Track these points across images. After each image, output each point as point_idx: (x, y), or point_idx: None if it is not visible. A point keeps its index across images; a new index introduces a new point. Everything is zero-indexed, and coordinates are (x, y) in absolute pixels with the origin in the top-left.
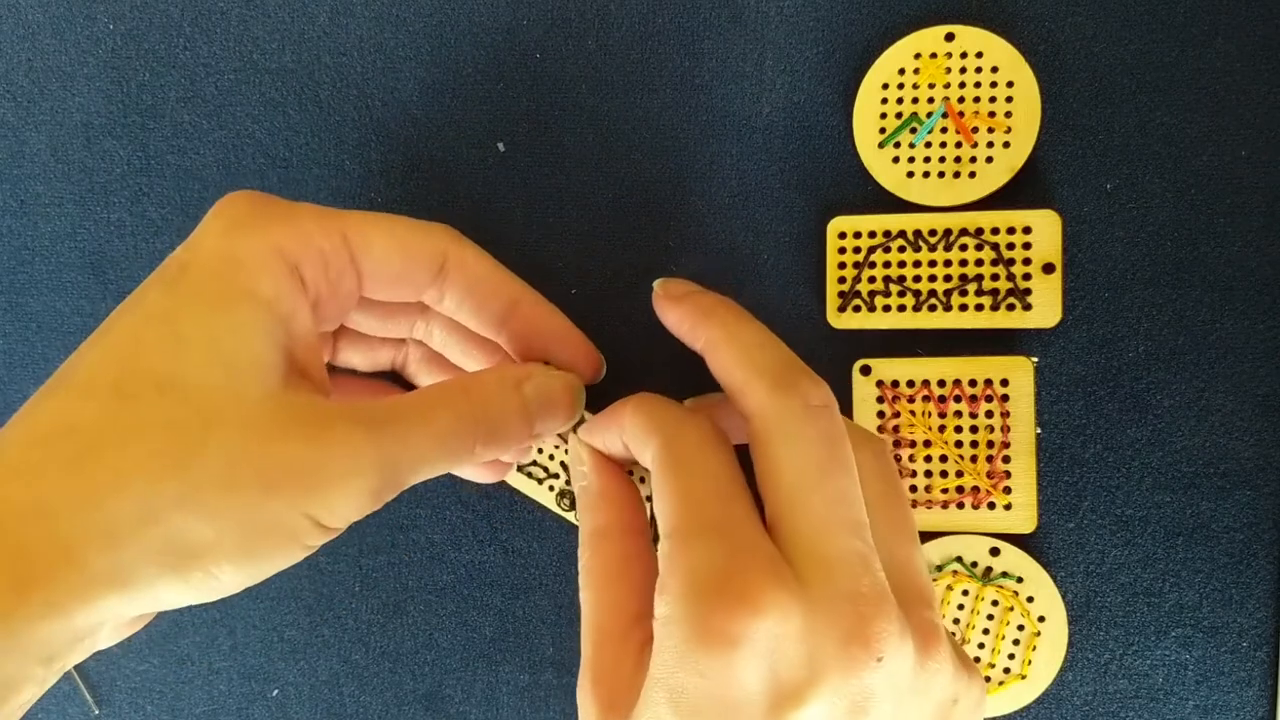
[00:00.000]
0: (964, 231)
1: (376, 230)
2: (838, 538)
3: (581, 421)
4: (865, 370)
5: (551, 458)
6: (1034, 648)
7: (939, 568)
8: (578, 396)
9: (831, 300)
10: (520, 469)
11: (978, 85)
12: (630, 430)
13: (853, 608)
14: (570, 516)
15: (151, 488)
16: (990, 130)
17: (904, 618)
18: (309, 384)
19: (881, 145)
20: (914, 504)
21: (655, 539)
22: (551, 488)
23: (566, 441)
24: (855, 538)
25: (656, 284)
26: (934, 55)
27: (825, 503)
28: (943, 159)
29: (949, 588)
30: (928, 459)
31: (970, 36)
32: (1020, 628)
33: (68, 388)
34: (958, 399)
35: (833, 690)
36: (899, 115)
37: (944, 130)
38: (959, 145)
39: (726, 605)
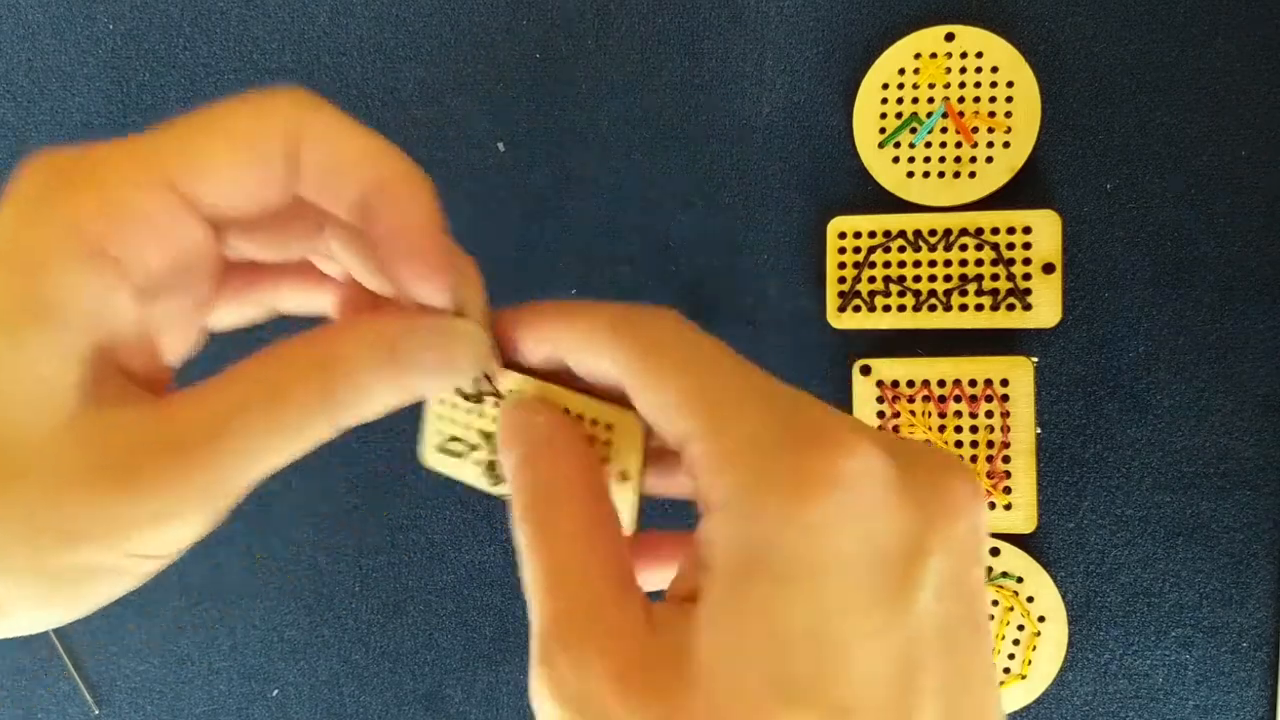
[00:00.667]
0: (964, 231)
1: (210, 147)
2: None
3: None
4: (865, 370)
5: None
6: (1034, 648)
7: None
8: (480, 355)
9: (831, 300)
10: (438, 449)
11: (978, 85)
12: (600, 340)
13: (942, 452)
14: (499, 490)
15: None
16: (990, 130)
17: None
18: (126, 391)
19: (881, 145)
20: None
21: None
22: (477, 461)
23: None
24: None
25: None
26: (934, 55)
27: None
28: (943, 159)
29: None
30: None
31: (970, 36)
32: (1020, 628)
33: None
34: (958, 399)
35: (948, 539)
36: (899, 115)
37: (944, 130)
38: (959, 145)
39: (815, 444)
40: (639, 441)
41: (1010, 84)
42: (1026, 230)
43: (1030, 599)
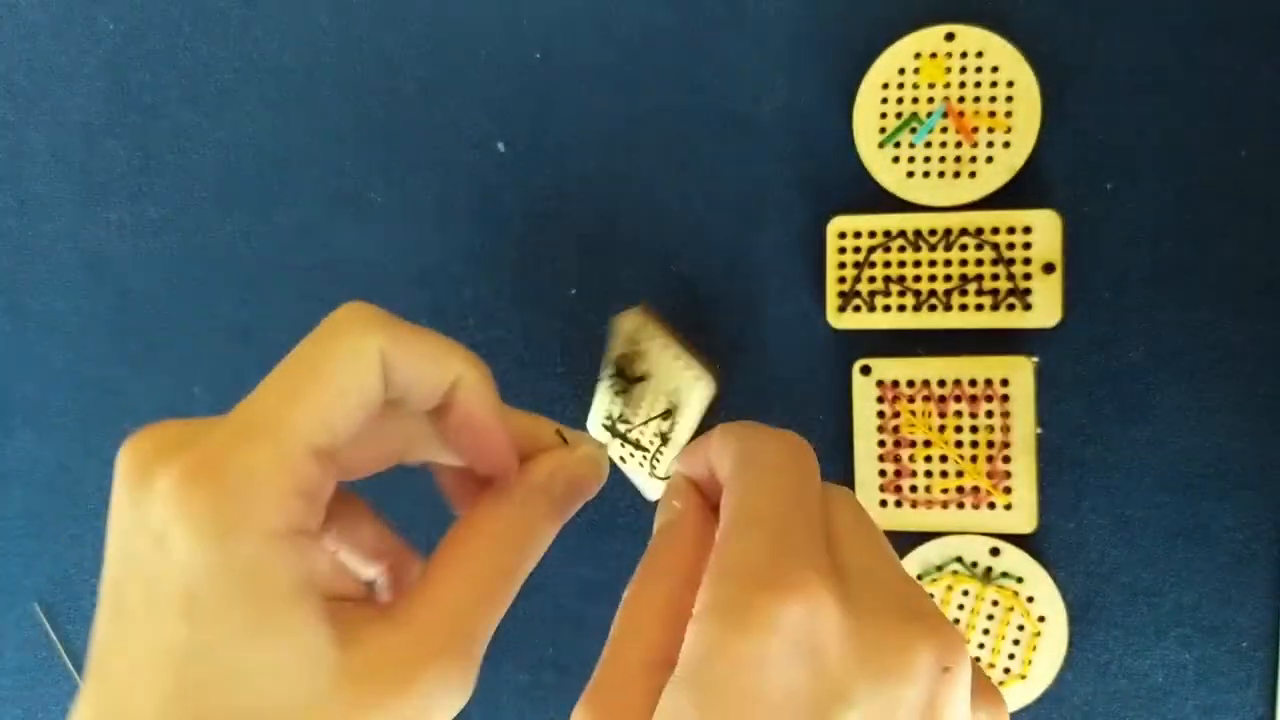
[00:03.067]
0: (964, 231)
1: (331, 412)
2: (898, 565)
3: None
4: (865, 370)
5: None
6: (1034, 648)
7: (939, 568)
8: (602, 464)
9: (831, 300)
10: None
11: (978, 85)
12: (715, 444)
13: (919, 611)
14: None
15: None
16: (990, 130)
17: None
18: (351, 608)
19: (881, 145)
20: (914, 504)
21: None
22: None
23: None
24: (914, 582)
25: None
26: (934, 55)
27: (882, 548)
28: (943, 159)
29: (949, 588)
30: (928, 459)
31: (970, 36)
32: (1020, 628)
33: None
34: (958, 399)
35: (893, 700)
36: (899, 115)
37: (944, 130)
38: (959, 145)
39: (766, 589)
40: None
41: (1010, 84)
42: (1026, 230)
43: (1030, 599)
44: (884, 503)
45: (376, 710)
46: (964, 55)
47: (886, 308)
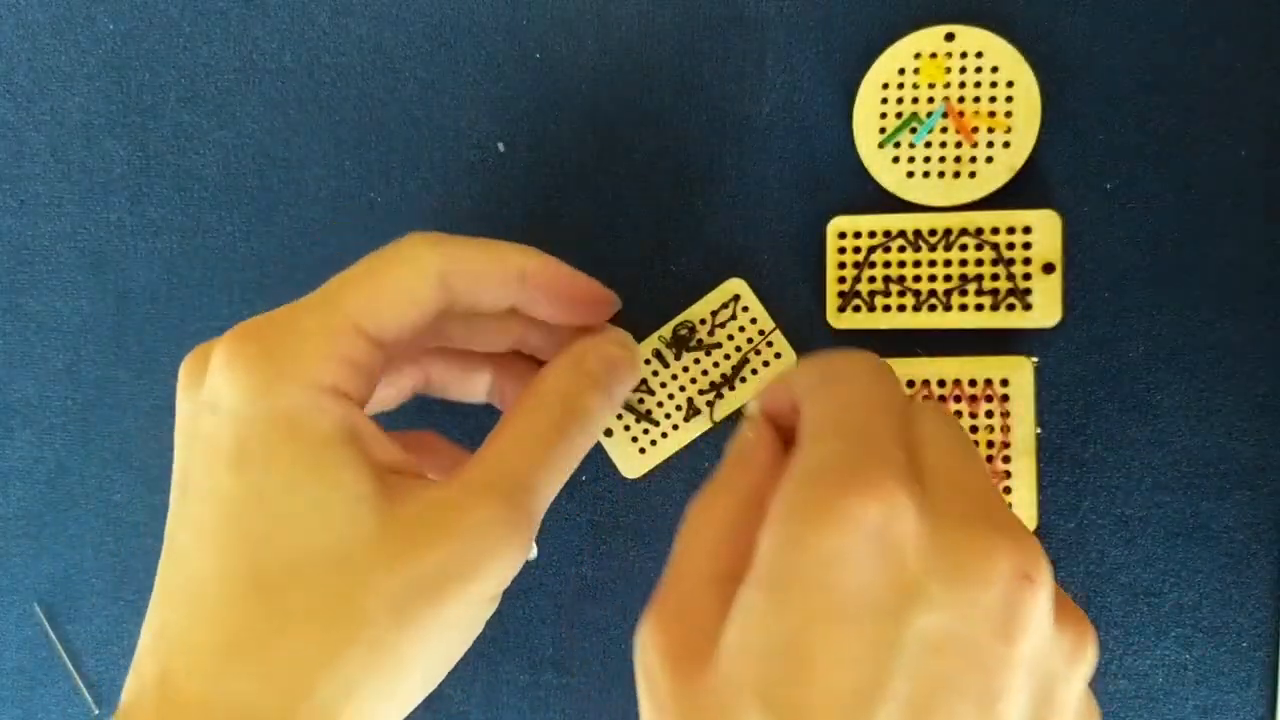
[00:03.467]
0: (964, 231)
1: (379, 302)
2: (986, 478)
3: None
4: None
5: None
6: None
7: None
8: (630, 346)
9: (831, 300)
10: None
11: (978, 85)
12: (799, 372)
13: (1001, 522)
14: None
15: (340, 673)
16: (990, 130)
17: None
18: (397, 475)
19: (881, 145)
20: None
21: None
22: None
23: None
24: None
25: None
26: (934, 55)
27: (968, 457)
28: (943, 159)
29: None
30: None
31: (970, 36)
32: None
33: (206, 598)
34: (958, 399)
35: (970, 604)
36: (899, 115)
37: (944, 130)
38: (959, 145)
39: (844, 486)
40: None
41: (1010, 84)
42: (1026, 230)
43: None
44: None
45: (425, 551)
46: (964, 55)
47: (886, 308)
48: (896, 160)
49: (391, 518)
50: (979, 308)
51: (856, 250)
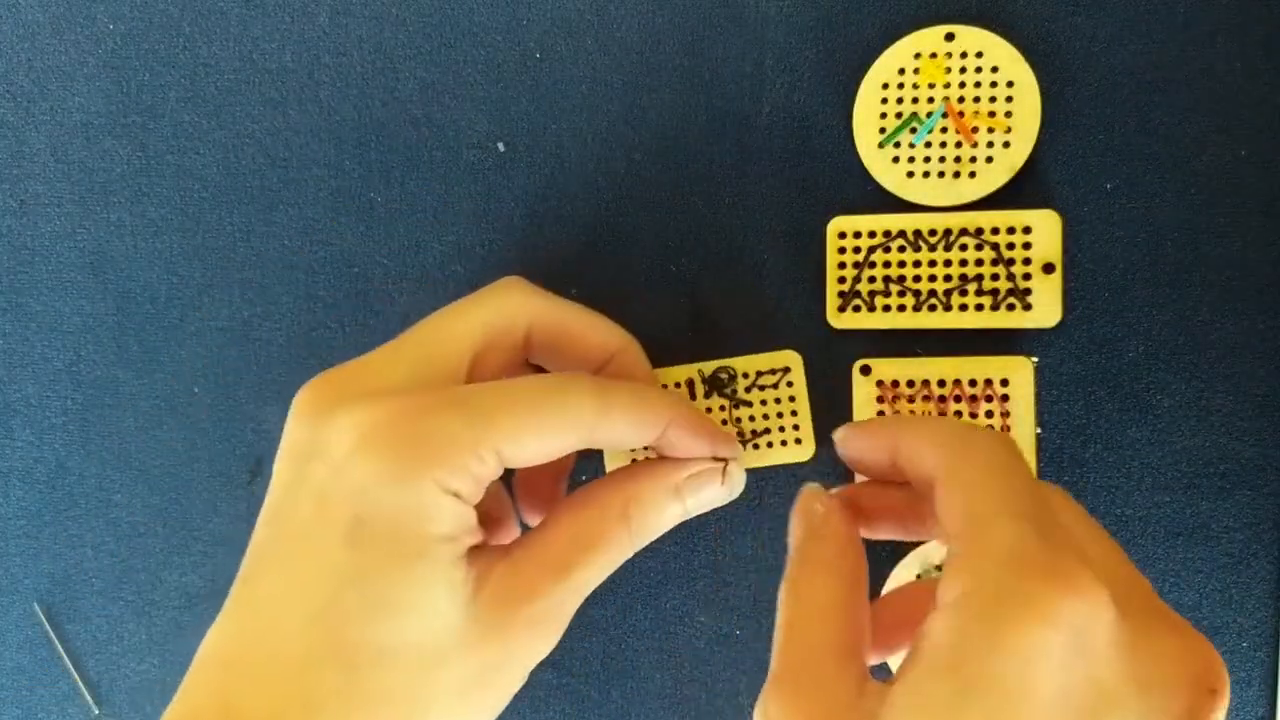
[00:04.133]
0: (964, 231)
1: (525, 437)
2: (1139, 577)
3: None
4: (865, 370)
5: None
6: None
7: (938, 567)
8: (734, 482)
9: (831, 300)
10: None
11: (978, 85)
12: (910, 442)
13: (1189, 630)
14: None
15: None
16: (990, 130)
17: None
18: (482, 554)
19: (881, 145)
20: None
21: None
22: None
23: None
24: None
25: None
26: (934, 55)
27: (1116, 549)
28: (943, 159)
29: None
30: None
31: (970, 36)
32: None
33: (288, 654)
34: (958, 399)
35: (1158, 712)
36: (899, 115)
37: (944, 130)
38: (959, 145)
39: (1046, 580)
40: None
41: (1010, 84)
42: (1026, 230)
43: None
44: None
45: (492, 643)
46: (964, 55)
47: (886, 308)
48: (896, 160)
49: (471, 610)
50: (979, 308)
51: (856, 250)
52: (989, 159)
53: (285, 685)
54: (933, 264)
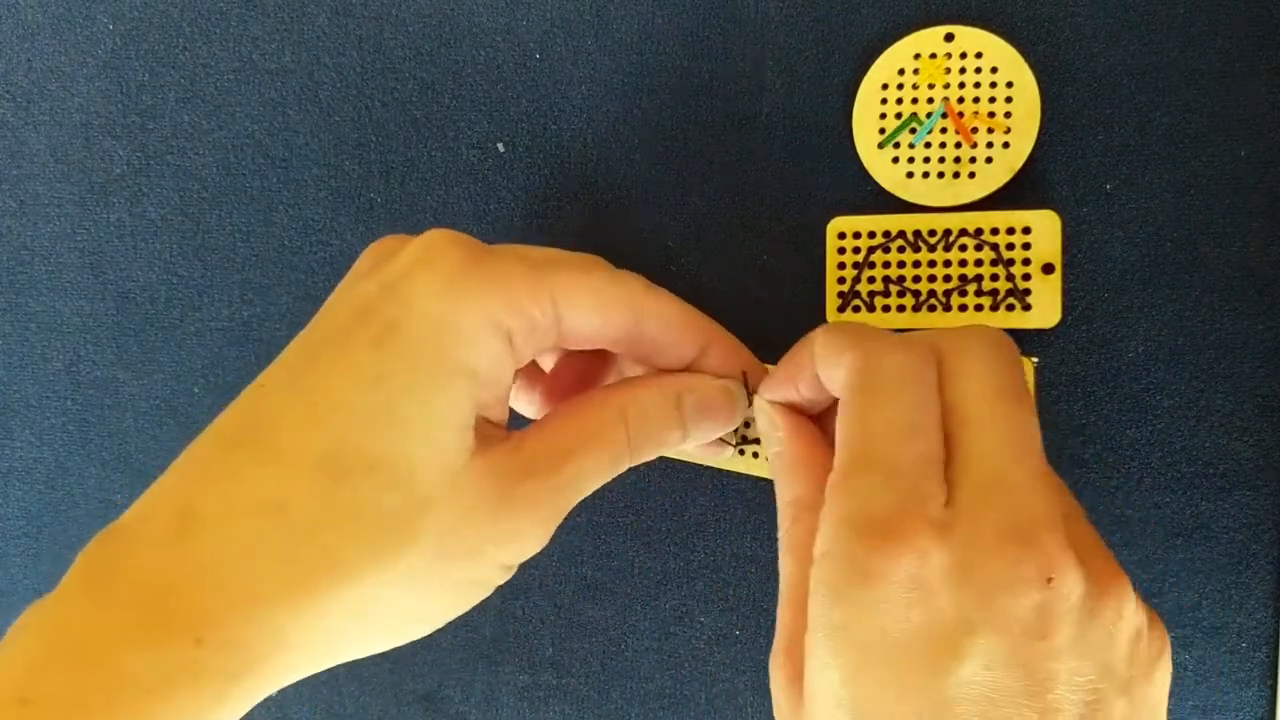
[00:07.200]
0: (964, 232)
1: (582, 292)
2: (1016, 461)
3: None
4: None
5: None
6: None
7: None
8: (738, 403)
9: (831, 300)
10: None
11: (977, 85)
12: (822, 356)
13: (1021, 528)
14: (746, 464)
15: (366, 579)
16: (990, 130)
17: (1074, 546)
18: (494, 430)
19: (881, 145)
20: None
21: None
22: (741, 451)
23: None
24: (1032, 459)
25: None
26: (934, 55)
27: (1005, 429)
28: (943, 159)
29: None
30: None
31: (970, 36)
32: None
33: (273, 456)
34: None
35: (1003, 615)
36: (899, 115)
37: (944, 130)
38: (959, 145)
39: (872, 543)
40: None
41: (1010, 84)
42: (1026, 230)
43: None
44: None
45: (480, 515)
46: (963, 56)
47: (886, 308)
48: (896, 160)
49: (471, 468)
50: (979, 308)
51: (856, 250)
52: (988, 159)
53: (259, 486)
54: (932, 264)
